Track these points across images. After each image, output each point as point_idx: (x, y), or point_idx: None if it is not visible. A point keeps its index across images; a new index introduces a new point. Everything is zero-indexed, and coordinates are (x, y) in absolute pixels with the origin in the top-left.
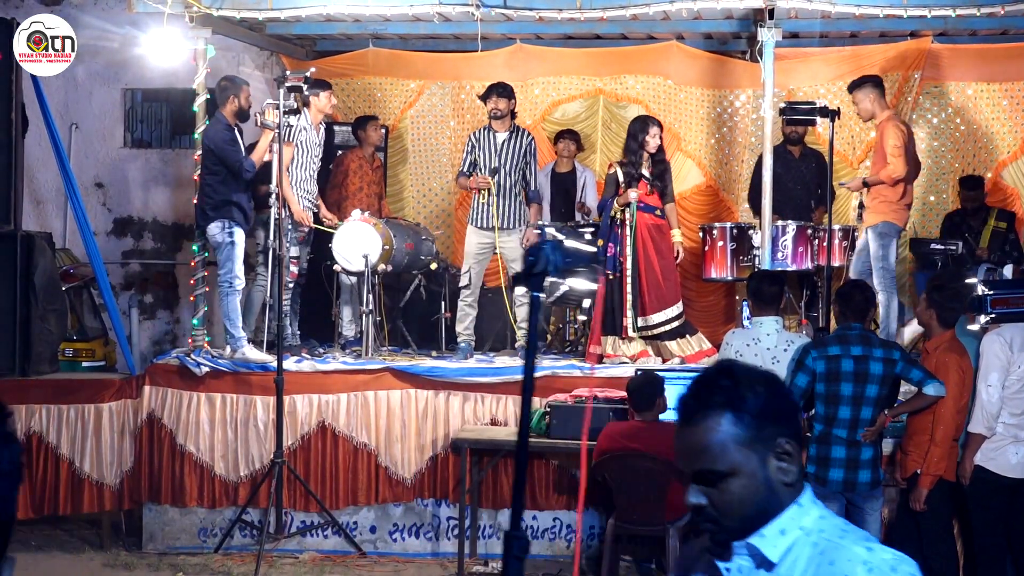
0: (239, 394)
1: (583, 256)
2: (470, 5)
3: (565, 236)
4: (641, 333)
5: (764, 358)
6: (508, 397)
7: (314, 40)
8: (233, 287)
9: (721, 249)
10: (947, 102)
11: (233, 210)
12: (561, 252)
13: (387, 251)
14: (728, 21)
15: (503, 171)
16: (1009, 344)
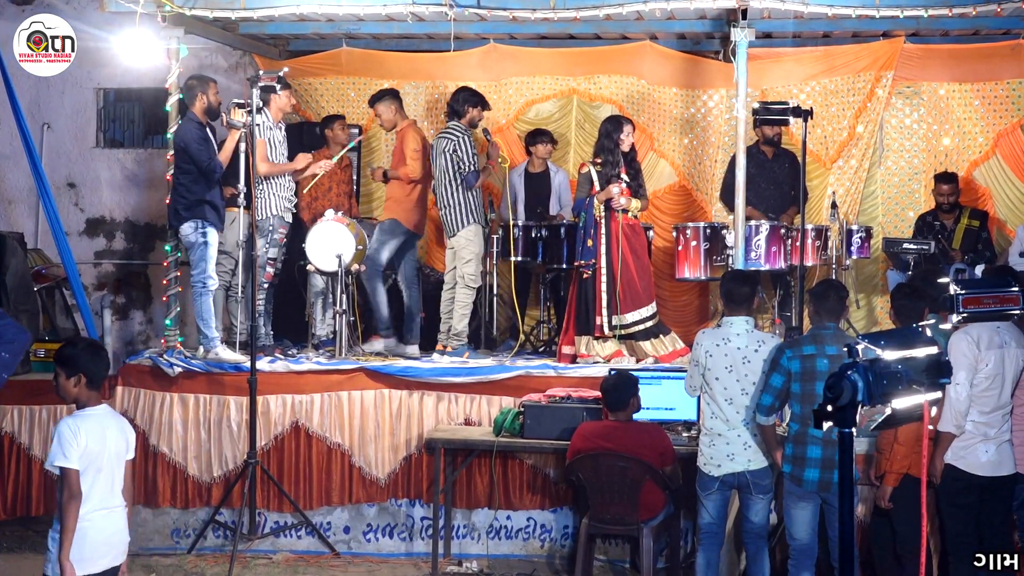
0: (212, 394)
1: (916, 365)
2: (443, 5)
3: (889, 343)
4: (615, 332)
5: (734, 358)
6: (481, 397)
7: (287, 40)
8: (206, 287)
9: (694, 249)
10: (919, 102)
11: (206, 210)
12: (877, 375)
13: (360, 251)
14: (701, 21)
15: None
16: (976, 342)
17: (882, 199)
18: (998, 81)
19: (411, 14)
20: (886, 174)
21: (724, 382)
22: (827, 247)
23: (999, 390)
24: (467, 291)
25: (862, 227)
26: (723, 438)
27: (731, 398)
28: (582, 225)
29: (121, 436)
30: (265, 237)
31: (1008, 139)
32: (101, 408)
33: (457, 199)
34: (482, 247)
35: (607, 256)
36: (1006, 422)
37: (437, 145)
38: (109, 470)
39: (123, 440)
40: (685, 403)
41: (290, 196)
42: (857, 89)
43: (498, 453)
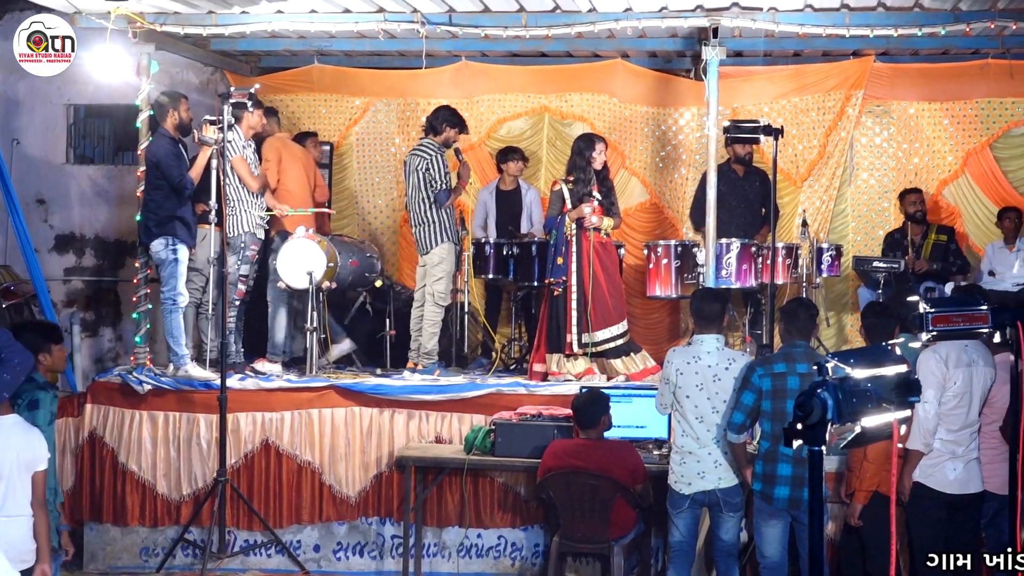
0: (182, 412)
1: (885, 383)
2: (415, 22)
3: (859, 361)
4: (586, 350)
5: (705, 376)
6: (452, 415)
7: (259, 56)
8: (176, 304)
9: (665, 267)
10: (889, 121)
11: (177, 226)
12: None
13: (331, 268)
14: (673, 39)
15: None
16: (944, 361)
17: (852, 217)
18: (967, 100)
19: (383, 31)
20: (856, 192)
21: (695, 400)
22: (797, 265)
23: (967, 408)
24: (436, 309)
25: (832, 245)
26: (694, 456)
27: (702, 416)
28: (553, 243)
29: (28, 447)
30: (237, 254)
31: (977, 158)
32: (9, 419)
33: (430, 217)
34: (454, 265)
35: (578, 274)
36: (974, 440)
37: (410, 162)
38: (8, 480)
39: (30, 451)
40: (656, 421)
41: (262, 213)
42: (827, 108)
43: (469, 471)
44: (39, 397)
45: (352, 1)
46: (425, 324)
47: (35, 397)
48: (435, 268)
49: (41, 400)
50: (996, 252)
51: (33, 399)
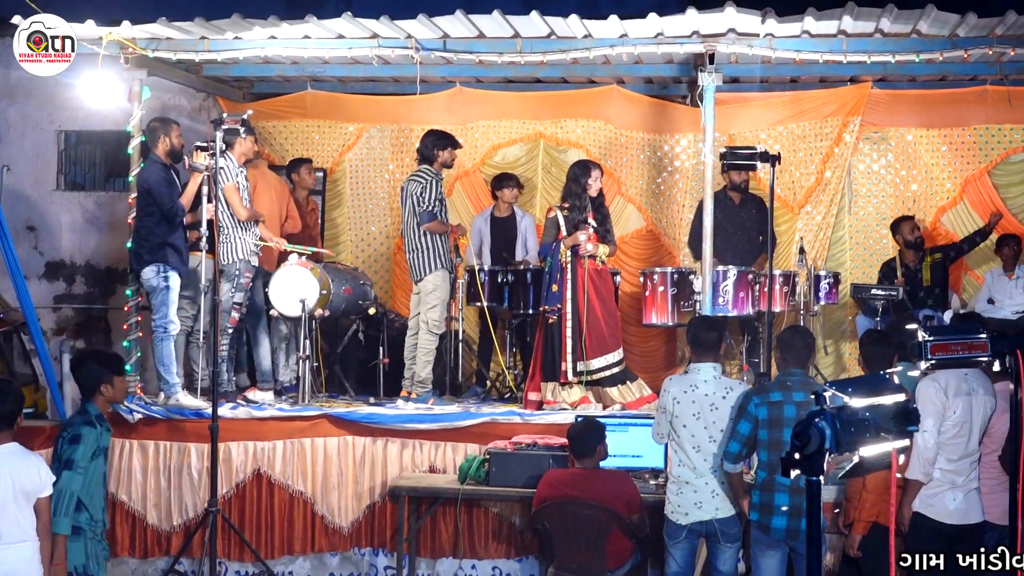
0: (173, 441)
1: (884, 412)
2: (409, 48)
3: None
4: (581, 378)
5: (702, 405)
6: (447, 444)
7: (251, 82)
8: (168, 332)
9: (662, 294)
10: (887, 147)
11: (169, 253)
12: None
13: (324, 296)
14: (669, 65)
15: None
16: (944, 389)
17: (850, 245)
18: (965, 127)
19: (376, 56)
20: (854, 220)
21: (691, 429)
22: (795, 293)
23: (967, 437)
24: (430, 337)
25: (830, 273)
26: (690, 486)
27: (698, 445)
28: (548, 270)
29: (26, 474)
30: (231, 281)
31: (975, 185)
32: (7, 447)
33: (424, 243)
34: (448, 293)
35: (573, 301)
36: (974, 470)
37: (407, 188)
38: (8, 507)
39: (29, 478)
40: (652, 450)
41: (256, 240)
42: (825, 134)
43: (463, 501)
44: (82, 433)
45: (346, 27)
46: (419, 352)
47: (78, 432)
48: (429, 296)
49: (84, 436)
50: (995, 280)
51: (76, 434)
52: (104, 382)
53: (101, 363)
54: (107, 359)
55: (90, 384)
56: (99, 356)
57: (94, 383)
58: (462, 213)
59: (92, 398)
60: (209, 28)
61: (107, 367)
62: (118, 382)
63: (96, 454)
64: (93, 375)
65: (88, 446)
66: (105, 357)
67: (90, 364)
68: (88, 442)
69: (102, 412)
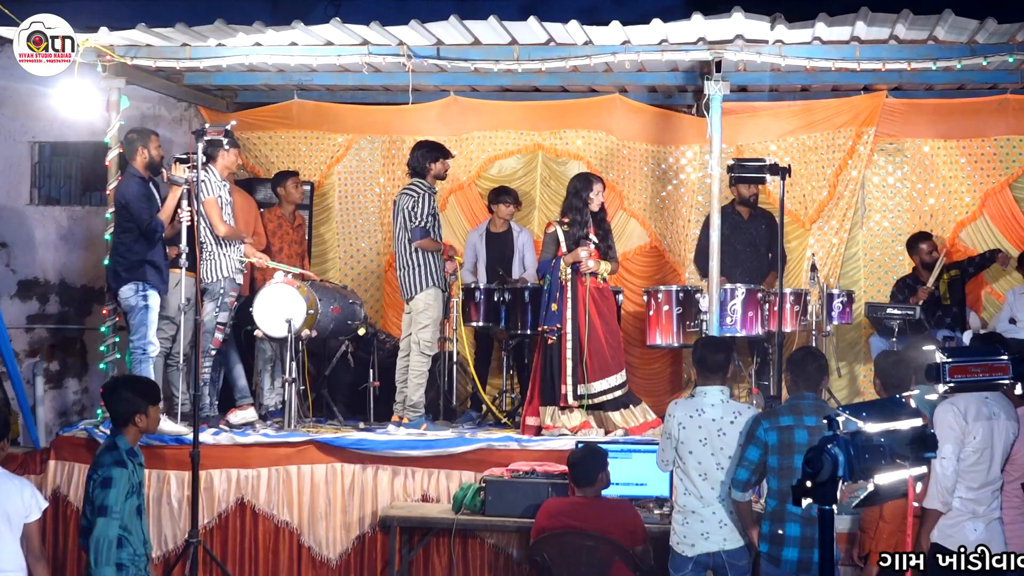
0: (152, 469)
1: (900, 438)
2: (401, 55)
3: (871, 414)
4: (582, 402)
5: (709, 430)
6: (440, 472)
7: (235, 91)
8: (147, 354)
9: (666, 314)
10: (903, 159)
11: (148, 271)
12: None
13: (312, 315)
14: (673, 74)
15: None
16: (963, 414)
17: (864, 261)
18: (985, 138)
19: (366, 64)
20: (868, 235)
21: (698, 456)
22: (806, 312)
23: (988, 464)
24: (422, 359)
25: (843, 291)
26: (697, 515)
27: (705, 473)
28: (547, 288)
29: (9, 499)
30: (216, 301)
31: (996, 198)
32: None
33: (416, 260)
34: (440, 312)
35: (573, 321)
36: (996, 499)
37: (399, 202)
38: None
39: (16, 501)
40: (657, 478)
41: (241, 257)
42: (837, 145)
43: (457, 532)
44: (113, 475)
45: (334, 33)
46: (411, 375)
47: (109, 475)
48: (420, 315)
49: (115, 479)
50: (1017, 298)
51: (107, 477)
52: (139, 412)
53: (135, 390)
54: (142, 386)
55: (124, 414)
56: (133, 383)
57: (128, 413)
58: (456, 228)
59: (124, 430)
60: (191, 34)
61: (142, 395)
62: (152, 412)
63: (131, 493)
64: (127, 404)
65: (120, 488)
66: (139, 384)
67: (124, 392)
68: (120, 484)
69: (132, 445)
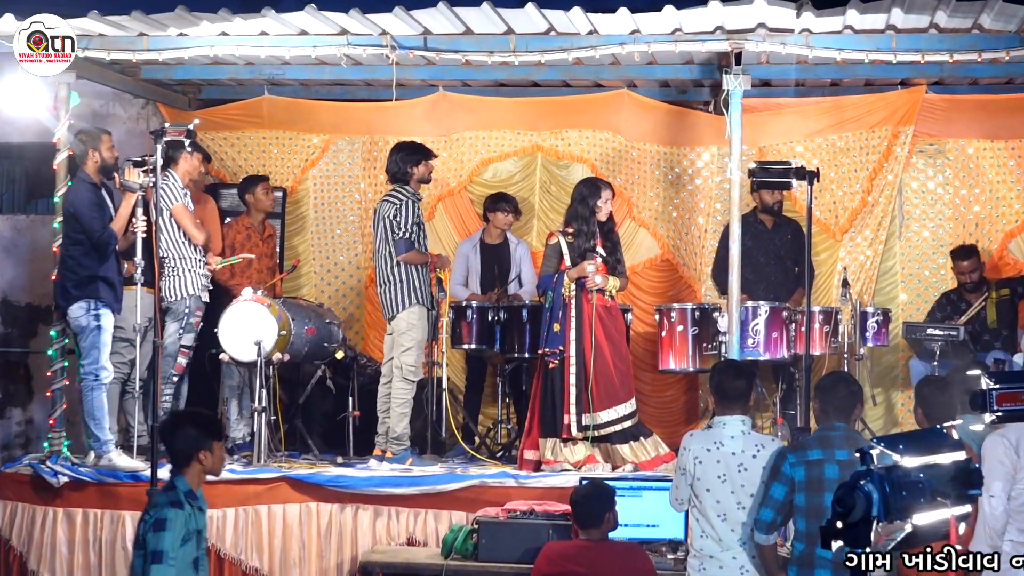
0: (105, 509)
1: (941, 473)
2: (384, 46)
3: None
4: (587, 434)
5: (728, 465)
6: (427, 512)
7: (198, 86)
8: (99, 380)
9: (681, 335)
10: (944, 162)
11: (100, 288)
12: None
13: (284, 337)
14: (688, 67)
15: None
16: (1015, 447)
17: (902, 276)
18: None
19: (345, 56)
20: (906, 247)
21: (716, 494)
22: (837, 333)
23: None
24: (405, 385)
25: (879, 309)
26: (716, 561)
27: (725, 513)
28: (548, 306)
29: None
30: (179, 321)
31: None
32: None
33: (398, 275)
34: (425, 333)
35: (578, 343)
36: None
37: (379, 210)
38: None
39: None
40: (670, 519)
41: (206, 272)
42: (871, 147)
43: None
44: (168, 517)
45: (309, 21)
46: (394, 404)
47: (163, 516)
48: (403, 336)
49: (170, 521)
50: None
51: (161, 518)
52: (203, 448)
53: (198, 425)
54: (205, 420)
55: (187, 452)
56: (195, 417)
57: (191, 450)
58: (444, 239)
59: (185, 470)
60: (149, 23)
61: (206, 430)
62: (217, 449)
63: (187, 538)
64: (190, 440)
65: (176, 532)
66: (203, 418)
67: (186, 427)
68: (175, 527)
69: (193, 487)
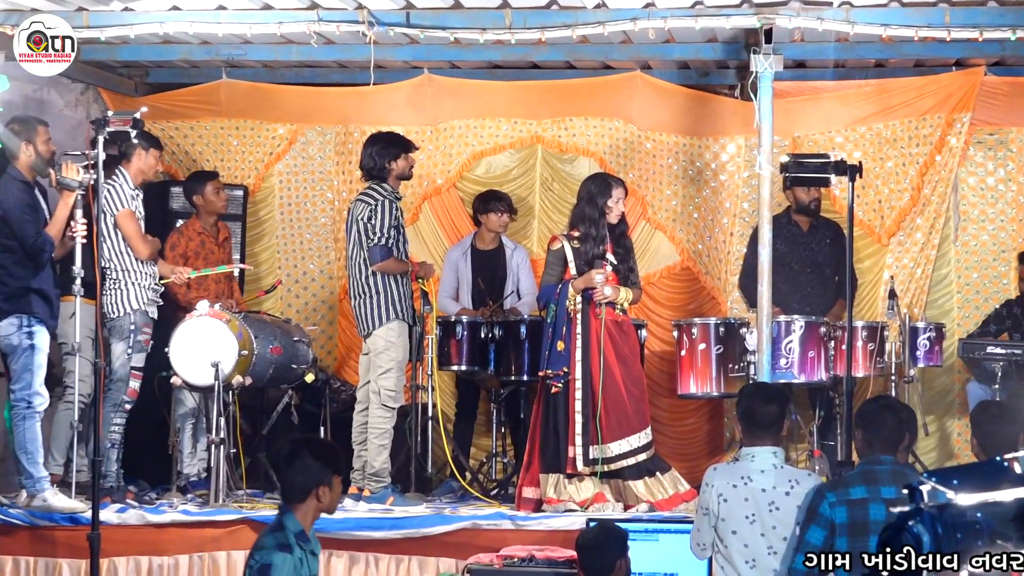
0: (38, 557)
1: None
2: (361, 22)
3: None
4: (595, 468)
5: (758, 504)
6: (411, 559)
7: (146, 69)
8: (32, 407)
9: (703, 354)
10: (1007, 154)
11: (34, 302)
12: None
13: (245, 357)
14: (711, 45)
15: None
16: None
17: (957, 286)
18: None
19: (316, 34)
20: (963, 252)
21: (744, 537)
22: (883, 352)
23: None
24: (384, 413)
25: (931, 325)
26: None
27: (754, 559)
28: (550, 322)
29: None
30: (126, 340)
31: None
32: None
33: (374, 286)
34: (407, 352)
35: (584, 364)
36: None
37: (352, 211)
38: None
39: None
40: (691, 566)
41: (155, 285)
42: (922, 137)
43: None
44: (274, 562)
45: None
46: (371, 434)
47: (269, 561)
48: (380, 357)
49: (277, 566)
50: None
51: (267, 563)
52: (323, 484)
53: (320, 456)
54: (329, 451)
55: (304, 486)
56: (318, 447)
57: (310, 485)
58: (431, 244)
59: (298, 507)
60: None
61: (328, 463)
62: (337, 485)
63: None
64: (311, 473)
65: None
66: (325, 449)
67: (308, 458)
68: (283, 573)
69: (306, 528)
